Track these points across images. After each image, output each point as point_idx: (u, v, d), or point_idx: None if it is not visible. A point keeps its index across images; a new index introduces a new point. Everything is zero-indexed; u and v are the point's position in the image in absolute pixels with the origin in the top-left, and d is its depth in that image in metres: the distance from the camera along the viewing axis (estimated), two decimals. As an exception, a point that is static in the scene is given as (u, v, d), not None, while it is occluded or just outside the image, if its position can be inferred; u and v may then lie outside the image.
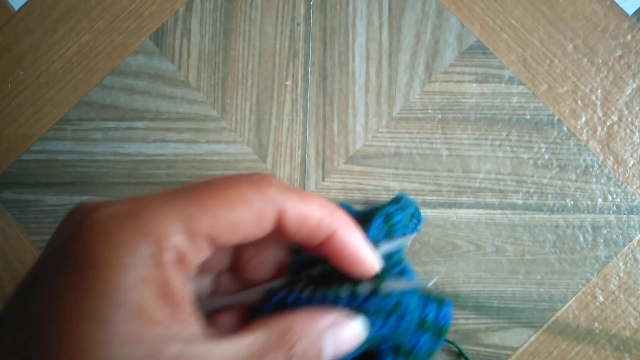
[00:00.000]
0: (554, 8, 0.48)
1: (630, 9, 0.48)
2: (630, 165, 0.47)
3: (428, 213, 0.47)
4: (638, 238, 0.47)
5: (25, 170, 0.48)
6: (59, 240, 0.17)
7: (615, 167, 0.47)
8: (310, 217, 0.18)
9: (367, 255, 0.19)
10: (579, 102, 0.47)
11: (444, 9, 0.48)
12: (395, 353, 0.22)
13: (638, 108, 0.47)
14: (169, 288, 0.16)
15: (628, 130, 0.47)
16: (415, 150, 0.48)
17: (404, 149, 0.48)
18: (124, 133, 0.48)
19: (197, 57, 0.49)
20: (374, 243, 0.20)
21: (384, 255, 0.20)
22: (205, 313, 0.19)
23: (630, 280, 0.46)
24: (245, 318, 0.19)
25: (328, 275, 0.20)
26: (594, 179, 0.47)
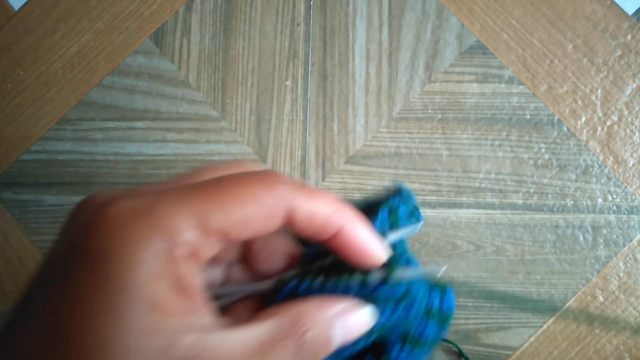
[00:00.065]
0: (554, 8, 0.48)
1: (630, 9, 0.48)
2: (630, 165, 0.47)
3: (428, 213, 0.47)
4: (638, 238, 0.47)
5: (25, 170, 0.48)
6: (72, 236, 0.17)
7: (615, 167, 0.47)
8: (319, 213, 0.18)
9: (375, 247, 0.20)
10: (579, 102, 0.47)
11: (444, 9, 0.48)
12: (403, 341, 0.22)
13: (638, 108, 0.47)
14: (183, 281, 0.16)
15: (628, 130, 0.47)
16: (415, 150, 0.48)
17: (404, 149, 0.48)
18: (124, 133, 0.48)
19: (197, 57, 0.49)
20: (381, 234, 0.21)
21: (391, 245, 0.21)
22: (218, 303, 0.20)
23: (630, 280, 0.46)
24: (257, 308, 0.19)
25: (339, 265, 0.20)
26: (594, 179, 0.47)
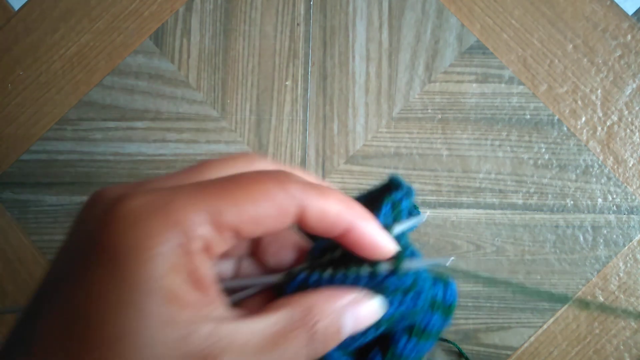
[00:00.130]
0: (554, 8, 0.48)
1: (630, 9, 0.48)
2: (630, 165, 0.47)
3: (428, 213, 0.47)
4: (638, 238, 0.47)
5: (25, 170, 0.48)
6: (87, 230, 0.18)
7: (615, 167, 0.47)
8: (329, 211, 0.19)
9: (384, 242, 0.20)
10: (579, 102, 0.47)
11: (444, 9, 0.48)
12: (409, 333, 0.22)
13: (638, 108, 0.47)
14: (198, 274, 0.17)
15: (628, 130, 0.47)
16: (415, 150, 0.48)
17: (404, 149, 0.48)
18: (124, 133, 0.48)
19: (197, 57, 0.49)
20: (385, 227, 0.21)
21: (395, 237, 0.21)
22: (230, 299, 0.21)
23: (630, 280, 0.46)
24: (267, 301, 0.20)
25: (347, 257, 0.21)
26: (594, 179, 0.47)
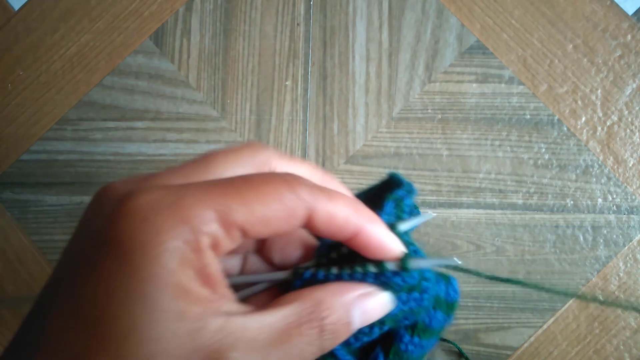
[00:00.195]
0: (554, 8, 0.48)
1: (630, 9, 0.48)
2: (630, 165, 0.47)
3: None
4: (638, 238, 0.47)
5: (25, 170, 0.48)
6: (96, 226, 0.18)
7: (615, 167, 0.47)
8: (338, 215, 0.19)
9: (391, 244, 0.20)
10: (579, 102, 0.47)
11: (444, 9, 0.48)
12: (412, 331, 0.23)
13: (638, 108, 0.47)
14: (207, 270, 0.17)
15: (628, 130, 0.47)
16: (415, 150, 0.48)
17: (404, 149, 0.48)
18: (124, 133, 0.48)
19: (197, 57, 0.49)
20: (389, 226, 0.21)
21: (400, 234, 0.21)
22: (238, 295, 0.21)
23: (630, 280, 0.46)
24: (274, 297, 0.20)
25: (354, 255, 0.21)
26: (594, 179, 0.47)
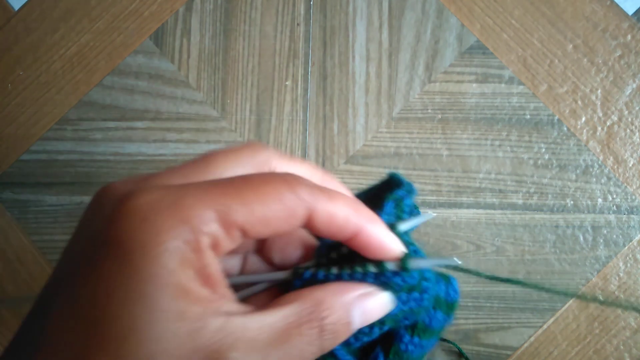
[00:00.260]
0: (554, 8, 0.48)
1: (630, 9, 0.48)
2: (630, 165, 0.47)
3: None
4: (638, 238, 0.47)
5: (25, 170, 0.48)
6: (96, 226, 0.18)
7: (615, 167, 0.47)
8: (338, 216, 0.19)
9: (392, 245, 0.20)
10: (579, 102, 0.47)
11: (444, 9, 0.48)
12: (412, 331, 0.23)
13: (638, 108, 0.47)
14: (207, 270, 0.17)
15: (628, 130, 0.47)
16: (415, 150, 0.48)
17: (404, 149, 0.48)
18: (124, 133, 0.48)
19: (197, 57, 0.49)
20: (389, 226, 0.21)
21: (400, 234, 0.21)
22: (238, 295, 0.21)
23: (630, 280, 0.46)
24: (274, 297, 0.20)
25: (355, 255, 0.21)
26: (594, 179, 0.47)
